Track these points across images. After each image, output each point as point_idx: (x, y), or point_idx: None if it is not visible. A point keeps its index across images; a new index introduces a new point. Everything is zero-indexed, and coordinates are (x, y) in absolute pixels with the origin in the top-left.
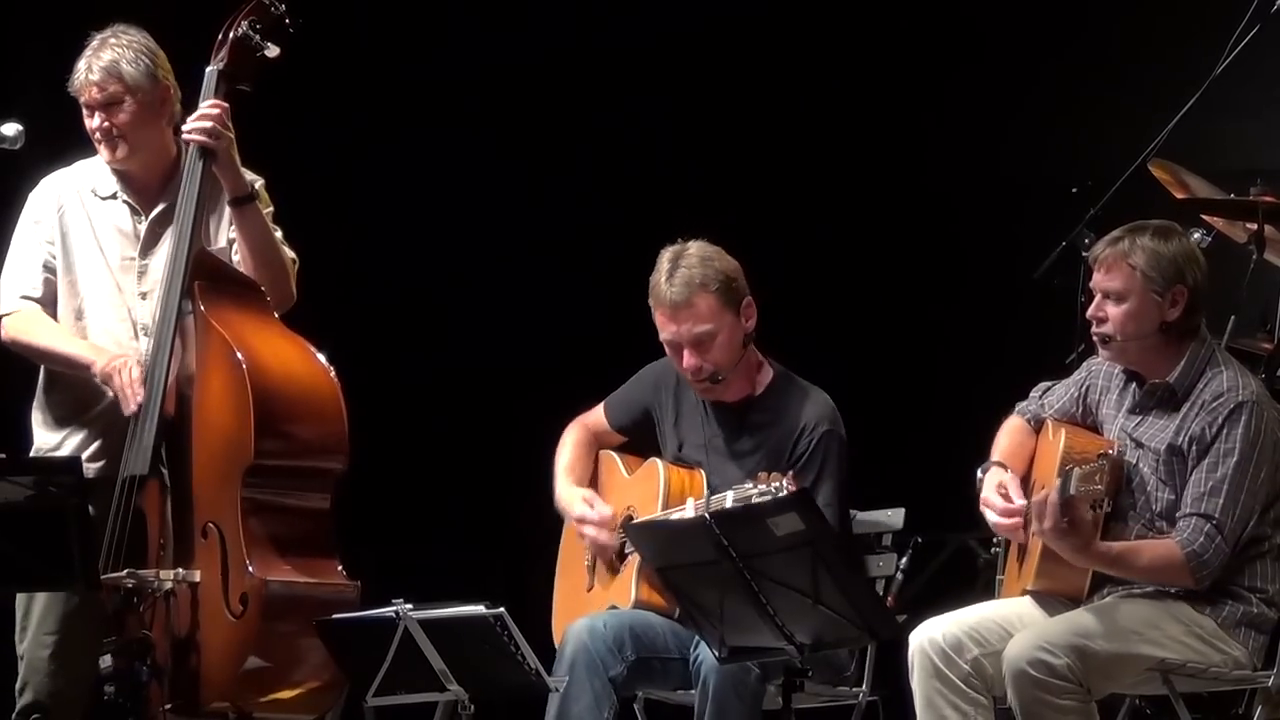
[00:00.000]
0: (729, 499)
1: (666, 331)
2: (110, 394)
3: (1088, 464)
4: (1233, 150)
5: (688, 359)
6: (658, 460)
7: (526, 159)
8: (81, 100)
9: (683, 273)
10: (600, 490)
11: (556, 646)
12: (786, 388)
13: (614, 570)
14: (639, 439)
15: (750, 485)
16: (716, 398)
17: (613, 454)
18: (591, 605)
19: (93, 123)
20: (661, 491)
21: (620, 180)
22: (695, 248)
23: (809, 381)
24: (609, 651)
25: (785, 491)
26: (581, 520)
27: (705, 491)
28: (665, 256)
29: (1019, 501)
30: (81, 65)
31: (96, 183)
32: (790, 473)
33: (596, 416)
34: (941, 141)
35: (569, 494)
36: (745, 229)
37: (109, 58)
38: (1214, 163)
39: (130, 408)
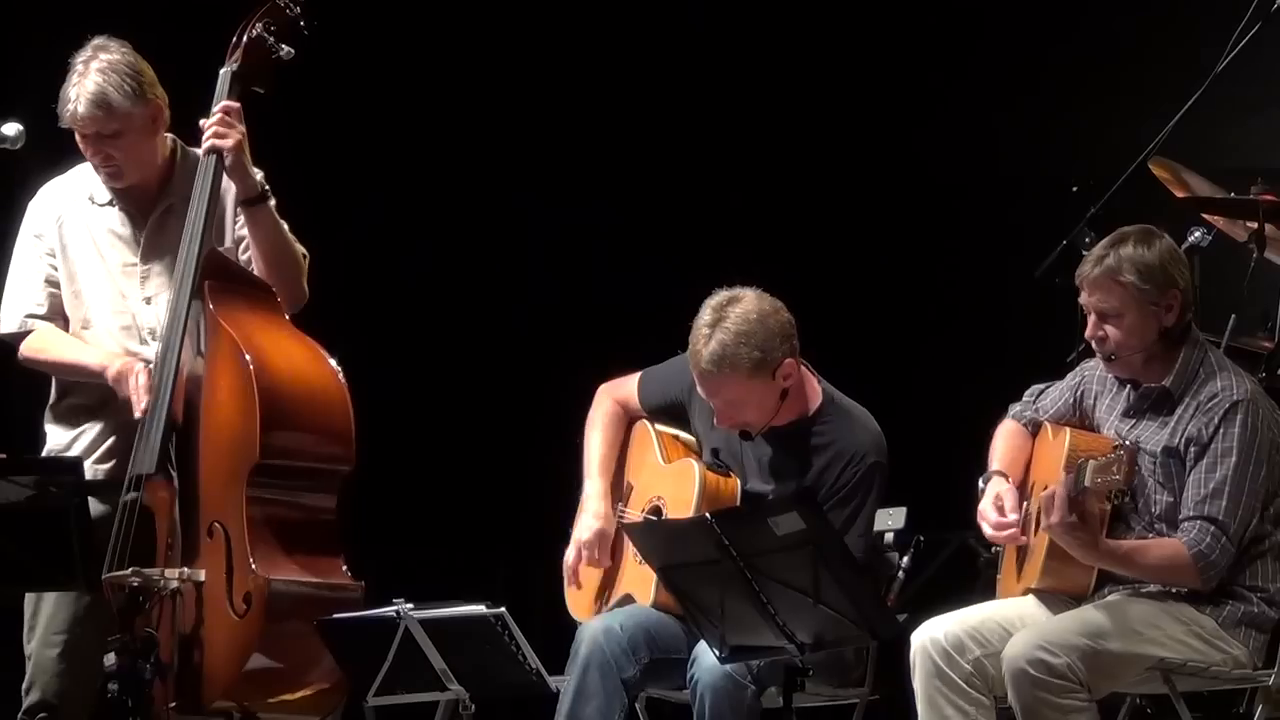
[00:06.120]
0: None
1: (699, 387)
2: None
3: (1102, 456)
4: (1233, 149)
5: (718, 410)
6: (694, 464)
7: (532, 153)
8: (73, 130)
9: (716, 345)
10: (630, 467)
11: (573, 616)
12: (834, 412)
13: (638, 561)
14: (670, 422)
15: None
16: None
17: (650, 431)
18: (608, 588)
19: (87, 150)
20: (696, 498)
21: (621, 175)
22: (738, 311)
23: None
24: (624, 654)
25: None
26: (578, 544)
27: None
28: (709, 309)
29: (1012, 516)
30: (71, 94)
31: (94, 189)
32: None
33: (629, 390)
34: (941, 139)
35: (591, 506)
36: (743, 226)
37: (94, 89)
38: (1214, 161)
39: (137, 412)
